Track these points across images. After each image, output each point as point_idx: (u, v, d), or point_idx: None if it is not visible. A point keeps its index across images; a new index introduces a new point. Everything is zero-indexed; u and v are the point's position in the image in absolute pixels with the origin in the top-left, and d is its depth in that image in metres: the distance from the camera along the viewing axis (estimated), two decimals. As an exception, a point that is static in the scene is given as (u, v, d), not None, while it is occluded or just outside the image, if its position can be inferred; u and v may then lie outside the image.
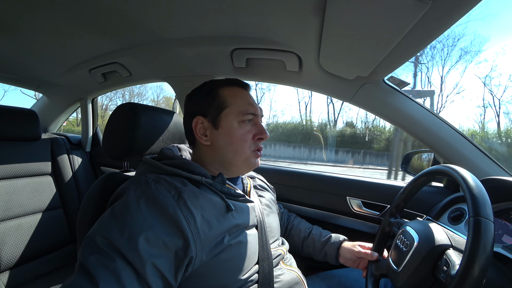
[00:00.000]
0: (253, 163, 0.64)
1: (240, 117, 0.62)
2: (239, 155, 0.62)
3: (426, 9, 0.42)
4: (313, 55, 0.77)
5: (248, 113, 0.62)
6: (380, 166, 12.60)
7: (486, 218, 0.41)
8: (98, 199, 0.63)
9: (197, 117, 0.63)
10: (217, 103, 0.62)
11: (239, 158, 0.62)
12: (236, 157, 0.62)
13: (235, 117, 0.61)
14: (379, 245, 0.72)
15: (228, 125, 0.61)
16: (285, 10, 0.61)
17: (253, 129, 0.63)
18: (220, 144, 0.62)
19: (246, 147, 0.62)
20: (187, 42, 0.86)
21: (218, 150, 0.62)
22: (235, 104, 0.62)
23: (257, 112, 0.64)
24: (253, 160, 0.64)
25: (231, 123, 0.61)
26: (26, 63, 1.15)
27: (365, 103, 0.89)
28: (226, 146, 0.61)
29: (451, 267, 0.46)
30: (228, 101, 0.62)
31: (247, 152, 0.62)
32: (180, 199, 0.49)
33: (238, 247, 0.55)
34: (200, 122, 0.63)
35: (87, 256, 0.41)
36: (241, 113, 0.62)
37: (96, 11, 0.71)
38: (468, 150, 0.80)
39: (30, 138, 1.21)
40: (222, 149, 0.62)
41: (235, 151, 0.61)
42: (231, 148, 0.61)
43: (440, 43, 16.54)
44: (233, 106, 0.62)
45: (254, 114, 0.64)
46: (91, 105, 1.59)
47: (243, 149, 0.62)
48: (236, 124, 0.61)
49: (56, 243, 1.19)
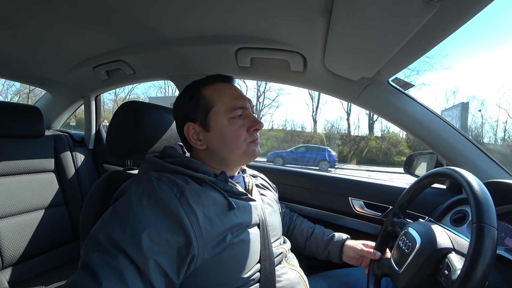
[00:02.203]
0: (252, 153, 0.63)
1: (229, 114, 0.60)
2: (235, 152, 0.61)
3: (434, 10, 0.42)
4: (318, 55, 0.77)
5: (236, 108, 0.61)
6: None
7: (489, 225, 0.41)
8: (101, 197, 0.63)
9: (187, 124, 0.62)
10: (203, 105, 0.61)
11: (236, 154, 0.61)
12: (233, 154, 0.61)
13: (224, 115, 0.60)
14: (382, 244, 0.72)
15: (219, 125, 0.60)
16: (291, 10, 0.61)
17: (245, 122, 0.62)
18: (215, 146, 0.61)
19: (241, 142, 0.61)
20: (192, 41, 0.86)
21: (214, 151, 0.62)
22: (220, 102, 0.61)
23: (245, 105, 0.63)
24: (251, 151, 0.62)
25: (221, 122, 0.60)
26: (30, 60, 1.15)
27: (369, 104, 0.89)
28: (221, 146, 0.61)
29: (452, 272, 0.46)
30: (213, 101, 0.61)
31: (243, 147, 0.61)
32: (182, 197, 0.49)
33: (240, 246, 0.55)
34: (192, 128, 0.62)
35: (90, 254, 0.42)
36: (229, 110, 0.60)
37: (101, 9, 0.72)
38: (471, 152, 0.80)
39: (34, 135, 1.21)
40: (218, 150, 0.61)
41: (230, 149, 0.61)
42: (226, 147, 0.61)
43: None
44: (219, 105, 0.61)
45: (243, 107, 0.62)
46: (95, 102, 1.59)
47: (238, 145, 0.61)
48: (226, 122, 0.60)
49: (59, 240, 1.20)
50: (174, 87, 15.93)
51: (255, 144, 0.63)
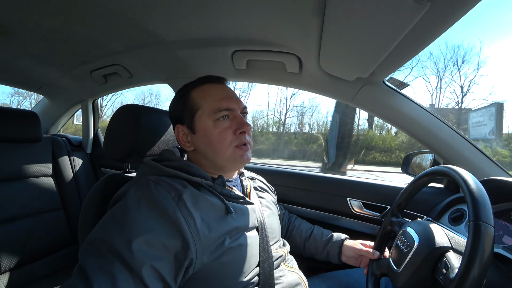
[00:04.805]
0: (239, 159, 0.61)
1: (213, 116, 0.59)
2: (220, 155, 0.60)
3: (425, 10, 0.42)
4: (313, 56, 0.78)
5: (221, 109, 0.60)
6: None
7: (486, 223, 0.41)
8: (99, 200, 0.63)
9: (177, 126, 0.64)
10: (189, 107, 0.61)
11: (221, 157, 0.61)
12: (218, 157, 0.61)
13: (208, 117, 0.60)
14: (380, 244, 0.72)
15: (203, 127, 0.60)
16: (285, 12, 0.62)
17: (232, 124, 0.60)
18: (201, 148, 0.62)
19: (226, 145, 0.59)
20: (188, 44, 0.86)
21: (201, 153, 0.63)
22: (205, 104, 0.60)
23: (231, 106, 0.61)
24: (237, 157, 0.61)
25: (206, 124, 0.60)
26: (27, 65, 1.16)
27: (365, 104, 0.90)
28: (206, 148, 0.61)
29: (450, 270, 0.46)
30: (198, 103, 0.61)
31: (228, 150, 0.60)
32: (180, 201, 0.49)
33: (239, 250, 0.55)
34: (181, 130, 0.63)
35: (86, 258, 0.42)
36: (213, 112, 0.59)
37: (97, 13, 0.72)
38: (468, 150, 0.80)
39: (31, 139, 1.21)
40: (204, 152, 0.62)
41: (215, 152, 0.60)
42: (211, 149, 0.60)
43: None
44: (204, 107, 0.60)
45: (229, 109, 0.61)
46: (92, 106, 1.59)
47: (222, 148, 0.59)
48: (211, 124, 0.59)
49: (57, 245, 1.19)
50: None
51: (243, 149, 0.61)
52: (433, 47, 17.69)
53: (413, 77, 15.59)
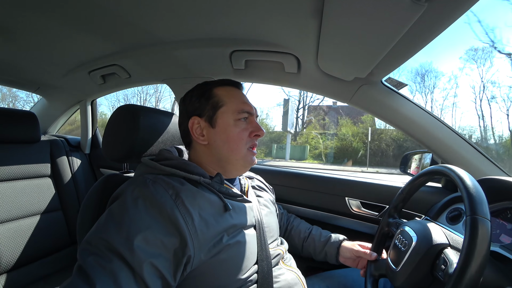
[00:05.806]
0: (249, 161, 0.65)
1: (236, 115, 0.63)
2: (235, 153, 0.63)
3: (422, 10, 0.43)
4: (311, 56, 0.78)
5: (243, 111, 0.63)
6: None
7: (482, 217, 0.41)
8: (98, 200, 0.63)
9: (193, 118, 0.64)
10: (213, 102, 0.63)
11: (235, 156, 0.63)
12: (232, 155, 0.63)
13: (231, 115, 0.63)
14: (378, 245, 0.72)
15: (225, 123, 0.62)
16: (283, 12, 0.62)
17: (248, 127, 0.64)
18: (217, 143, 0.63)
19: (242, 144, 0.63)
20: (186, 44, 0.86)
21: (215, 149, 0.63)
22: (230, 103, 0.63)
23: (251, 111, 0.66)
24: (249, 159, 0.65)
25: (227, 121, 0.62)
26: (25, 65, 1.15)
27: (363, 104, 0.90)
28: (223, 145, 0.62)
29: (449, 266, 0.46)
30: (224, 100, 0.64)
31: (243, 150, 0.63)
32: (178, 199, 0.49)
33: (237, 247, 0.55)
34: (197, 123, 0.64)
35: (85, 258, 0.42)
36: (236, 112, 0.63)
37: (95, 13, 0.72)
38: (465, 150, 0.80)
39: (30, 140, 1.21)
40: (219, 148, 0.63)
41: (231, 149, 0.62)
42: (228, 146, 0.62)
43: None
44: (229, 105, 0.63)
45: (249, 112, 0.65)
46: (91, 107, 1.59)
47: (239, 147, 0.63)
48: (232, 122, 0.62)
49: (55, 245, 1.19)
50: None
51: (253, 153, 0.66)
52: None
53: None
